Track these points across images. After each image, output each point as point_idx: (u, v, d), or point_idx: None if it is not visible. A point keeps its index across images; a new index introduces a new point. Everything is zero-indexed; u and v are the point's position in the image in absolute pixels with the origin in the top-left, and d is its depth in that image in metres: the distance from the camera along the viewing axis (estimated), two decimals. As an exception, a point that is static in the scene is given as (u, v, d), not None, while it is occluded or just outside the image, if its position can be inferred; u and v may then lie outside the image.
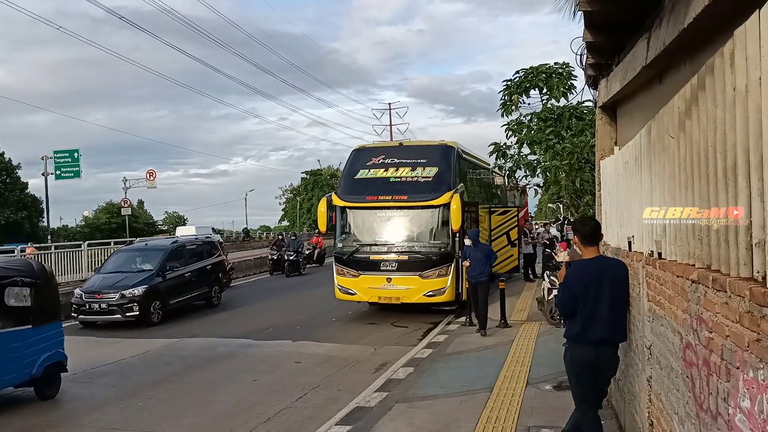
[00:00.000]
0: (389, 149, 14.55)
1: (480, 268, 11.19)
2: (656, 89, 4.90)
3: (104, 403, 8.05)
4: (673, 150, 3.31)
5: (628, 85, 5.13)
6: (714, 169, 2.53)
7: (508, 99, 15.04)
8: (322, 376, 8.96)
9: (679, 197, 3.16)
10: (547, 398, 7.14)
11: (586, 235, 4.73)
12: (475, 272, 11.24)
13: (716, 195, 2.50)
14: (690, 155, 2.93)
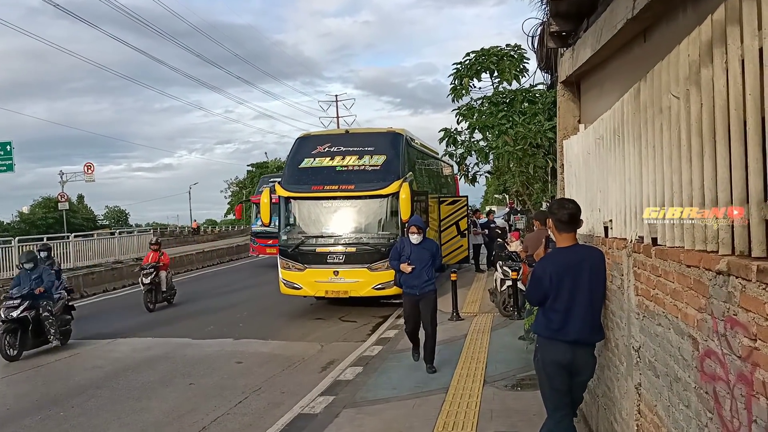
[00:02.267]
0: (335, 137, 13.86)
1: (427, 273, 7.87)
2: (638, 50, 4.33)
3: (22, 414, 7.26)
4: (677, 111, 2.71)
5: (604, 48, 4.55)
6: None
7: (458, 83, 14.50)
8: (264, 378, 8.30)
9: (689, 169, 2.57)
10: (506, 399, 6.61)
11: (563, 220, 4.13)
12: (418, 280, 7.82)
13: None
14: (709, 113, 2.33)
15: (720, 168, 2.24)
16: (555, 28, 5.86)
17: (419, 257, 7.85)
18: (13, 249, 19.08)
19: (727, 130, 2.19)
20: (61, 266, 13.41)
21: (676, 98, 2.70)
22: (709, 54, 2.31)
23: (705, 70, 2.36)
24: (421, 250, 7.89)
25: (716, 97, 2.26)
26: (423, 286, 7.83)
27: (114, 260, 22.47)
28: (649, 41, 4.07)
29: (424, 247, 7.93)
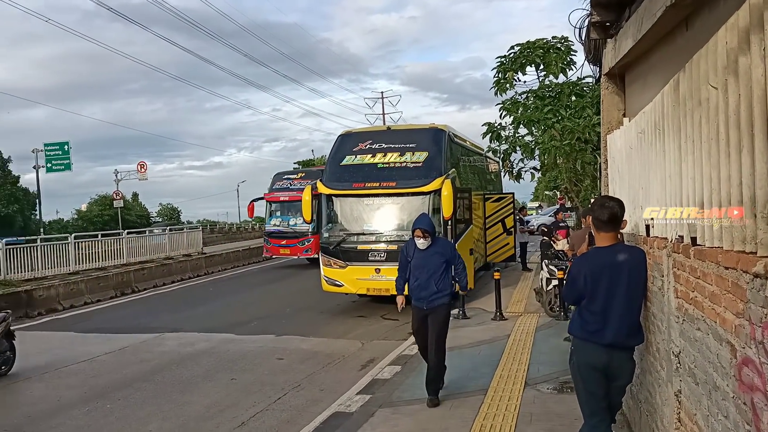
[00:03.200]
0: (377, 134, 13.76)
1: (437, 283, 6.65)
2: (680, 39, 4.12)
3: (70, 406, 7.47)
4: (715, 103, 2.54)
5: (645, 38, 4.35)
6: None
7: (502, 76, 14.20)
8: (304, 375, 8.33)
9: (727, 164, 2.40)
10: (547, 402, 6.43)
11: (602, 219, 3.96)
12: (426, 291, 6.68)
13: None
14: (747, 104, 2.16)
15: (758, 163, 2.08)
16: (596, 18, 5.65)
17: (426, 264, 6.70)
18: (69, 245, 19.80)
19: (765, 122, 2.03)
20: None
21: (714, 89, 2.53)
22: (746, 41, 2.15)
23: (743, 59, 2.20)
24: (431, 256, 6.72)
25: (754, 86, 2.10)
26: (431, 298, 6.64)
27: (165, 256, 23.05)
28: (692, 29, 3.86)
29: (435, 252, 6.74)
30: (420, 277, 6.70)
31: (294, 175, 23.59)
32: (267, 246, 22.98)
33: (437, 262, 6.69)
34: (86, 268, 19.76)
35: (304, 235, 21.53)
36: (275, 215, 23.20)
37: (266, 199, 23.36)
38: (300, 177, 23.05)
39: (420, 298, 6.72)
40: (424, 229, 6.71)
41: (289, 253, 22.28)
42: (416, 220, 6.94)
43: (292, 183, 22.87)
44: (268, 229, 23.26)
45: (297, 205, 20.85)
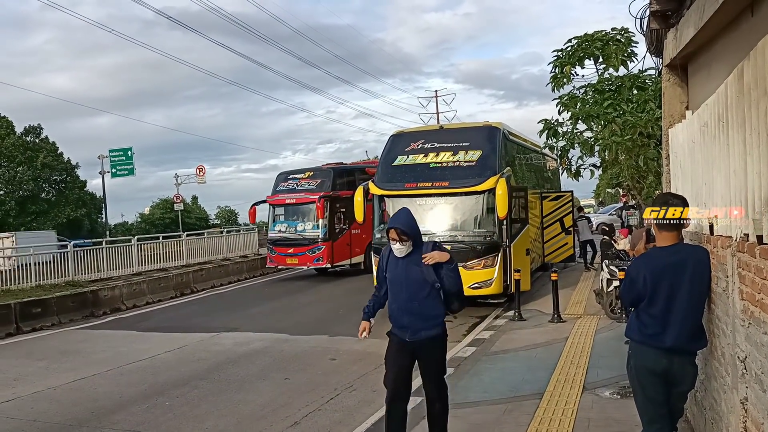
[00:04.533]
0: (429, 133, 13.66)
1: (422, 305, 4.83)
2: (745, 26, 3.87)
3: (131, 402, 7.67)
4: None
5: (707, 26, 4.11)
6: None
7: (559, 71, 13.82)
8: (356, 375, 8.30)
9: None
10: (606, 408, 6.21)
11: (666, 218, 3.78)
12: (409, 317, 4.88)
13: None
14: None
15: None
16: (656, 8, 5.40)
17: (407, 279, 4.78)
18: (133, 248, 20.51)
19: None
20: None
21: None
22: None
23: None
24: (411, 267, 4.79)
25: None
26: (418, 327, 4.80)
27: (222, 257, 23.55)
28: (758, 15, 3.61)
29: (418, 263, 4.77)
30: (398, 296, 4.86)
31: (301, 175, 20.76)
32: (271, 255, 20.51)
33: (419, 277, 4.75)
34: (148, 269, 20.46)
35: (313, 242, 19.24)
36: (280, 220, 20.61)
37: (269, 202, 20.80)
38: (308, 176, 20.37)
39: (402, 326, 4.90)
40: (401, 230, 4.74)
41: (297, 263, 19.93)
42: (393, 216, 5.03)
43: (298, 183, 20.25)
44: (271, 236, 20.63)
45: (305, 209, 19.81)
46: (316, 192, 19.16)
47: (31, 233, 31.87)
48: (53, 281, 16.67)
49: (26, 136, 40.09)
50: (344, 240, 19.57)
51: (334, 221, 19.37)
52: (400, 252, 4.85)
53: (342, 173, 20.65)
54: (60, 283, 16.64)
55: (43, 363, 10.07)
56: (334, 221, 19.33)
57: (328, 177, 19.72)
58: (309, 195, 19.32)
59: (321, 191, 19.16)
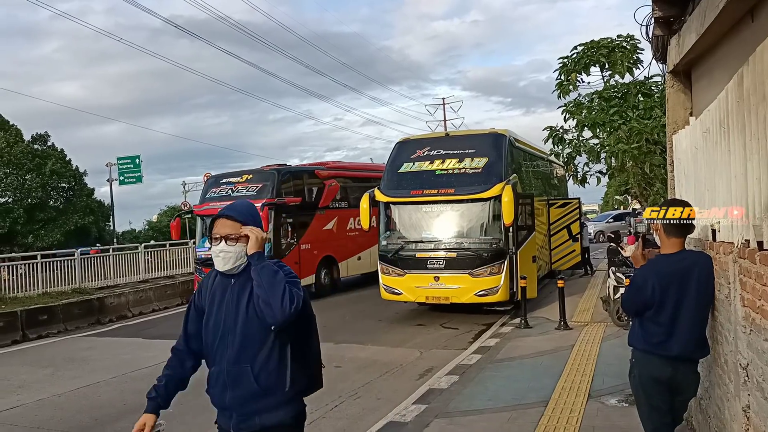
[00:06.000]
0: (435, 140, 13.66)
1: (257, 366, 2.88)
2: (746, 31, 3.85)
3: (134, 409, 7.54)
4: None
5: (709, 31, 4.09)
6: None
7: (565, 78, 13.82)
8: (361, 383, 8.28)
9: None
10: (611, 415, 6.14)
11: (674, 223, 3.75)
12: (234, 391, 2.97)
13: None
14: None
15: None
16: (659, 14, 5.38)
17: (237, 320, 2.92)
18: (140, 255, 20.59)
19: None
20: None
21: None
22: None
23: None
24: (246, 301, 2.91)
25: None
26: (249, 410, 2.96)
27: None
28: (757, 20, 3.60)
29: (250, 289, 2.88)
30: (220, 354, 2.99)
31: (237, 178, 16.64)
32: (200, 278, 16.11)
33: (256, 316, 2.83)
34: (155, 276, 20.47)
35: None
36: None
37: (197, 213, 16.66)
38: (246, 180, 16.29)
39: (224, 407, 3.07)
40: (231, 217, 2.93)
41: None
42: (223, 209, 3.04)
43: (234, 189, 16.25)
44: (200, 256, 16.18)
45: None
46: (256, 199, 14.86)
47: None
48: (60, 288, 16.73)
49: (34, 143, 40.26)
50: (292, 258, 15.64)
51: (280, 235, 15.68)
52: (226, 261, 2.86)
53: (289, 176, 16.69)
54: (67, 290, 16.70)
55: (49, 370, 10.10)
56: (279, 235, 15.65)
57: (272, 181, 15.83)
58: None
59: (263, 198, 15.19)
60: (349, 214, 18.20)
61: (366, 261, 18.45)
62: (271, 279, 2.73)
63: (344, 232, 18.28)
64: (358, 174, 20.14)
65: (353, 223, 18.09)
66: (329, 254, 17.42)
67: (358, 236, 17.80)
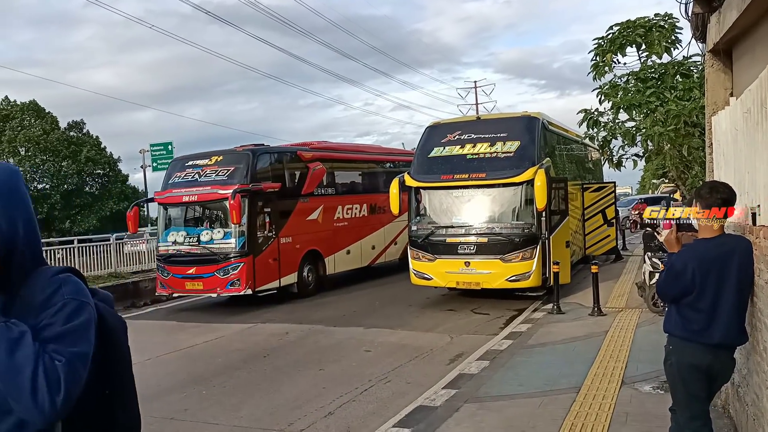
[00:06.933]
0: (466, 124, 13.52)
1: None
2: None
3: (169, 390, 7.85)
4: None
5: (750, 8, 3.92)
6: None
7: (600, 59, 13.49)
8: (391, 367, 8.30)
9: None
10: (645, 402, 6.04)
11: (713, 207, 3.64)
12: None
13: None
14: None
15: None
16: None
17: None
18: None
19: None
20: None
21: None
22: None
23: None
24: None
25: None
26: None
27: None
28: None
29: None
30: None
31: (205, 161, 14.21)
32: (163, 278, 14.01)
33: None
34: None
35: (225, 257, 13.18)
36: (175, 227, 14.29)
37: (158, 201, 14.55)
38: (216, 162, 13.99)
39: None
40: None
41: (202, 288, 13.57)
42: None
43: (202, 173, 13.91)
44: (162, 251, 14.14)
45: (212, 210, 14.11)
46: (228, 184, 13.11)
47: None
48: (96, 273, 17.10)
49: (70, 131, 41.12)
50: (270, 253, 13.65)
51: (256, 226, 13.50)
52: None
53: (266, 158, 14.38)
54: (103, 274, 17.08)
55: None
56: (255, 227, 13.47)
57: (245, 163, 13.64)
58: (218, 189, 13.21)
59: (235, 183, 13.16)
60: (337, 201, 16.37)
61: (356, 255, 16.85)
62: (6, 360, 1.46)
63: (331, 222, 16.03)
64: (348, 156, 17.87)
65: (341, 212, 16.50)
66: (314, 248, 15.15)
67: (348, 227, 16.52)
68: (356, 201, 17.10)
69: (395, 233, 18.00)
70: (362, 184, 18.10)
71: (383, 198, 16.89)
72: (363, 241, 16.95)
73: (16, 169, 1.76)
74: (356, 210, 17.01)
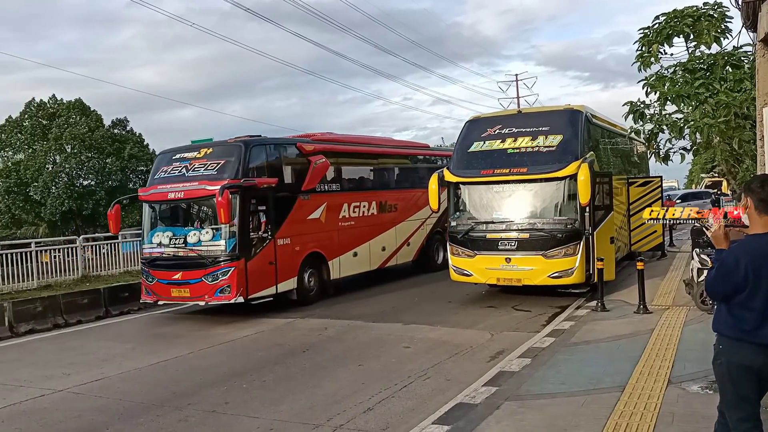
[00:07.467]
0: (507, 118, 13.36)
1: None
2: None
3: (210, 384, 7.97)
4: None
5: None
6: None
7: (645, 50, 13.10)
8: (430, 364, 8.26)
9: None
10: (692, 402, 5.87)
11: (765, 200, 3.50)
12: None
13: None
14: None
15: None
16: (750, -26, 4.98)
17: None
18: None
19: None
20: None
21: None
22: None
23: None
24: None
25: None
26: None
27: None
28: None
29: None
30: None
31: (194, 153, 12.92)
32: (147, 283, 12.73)
33: None
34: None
35: (214, 260, 11.91)
36: (160, 227, 13.05)
37: (142, 198, 13.32)
38: (205, 155, 12.66)
39: None
40: None
41: (189, 295, 12.24)
42: None
43: (190, 167, 12.64)
44: (147, 254, 12.95)
45: (199, 208, 12.79)
46: (217, 179, 11.86)
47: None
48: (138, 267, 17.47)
49: (114, 128, 41.92)
50: (265, 256, 12.40)
51: (249, 227, 12.25)
52: None
53: (260, 150, 13.04)
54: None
55: (130, 345, 10.67)
56: (248, 227, 12.21)
57: (237, 156, 12.34)
58: (206, 184, 11.97)
59: (225, 178, 11.92)
60: (342, 199, 14.88)
61: (364, 257, 15.37)
62: None
63: (336, 222, 14.56)
64: (355, 149, 16.17)
65: (348, 210, 15.00)
66: (316, 250, 13.74)
67: (355, 227, 15.10)
68: (364, 198, 15.72)
69: (408, 233, 16.98)
70: (371, 180, 16.62)
71: (394, 195, 16.81)
72: (372, 242, 15.62)
73: None
74: (364, 208, 15.64)
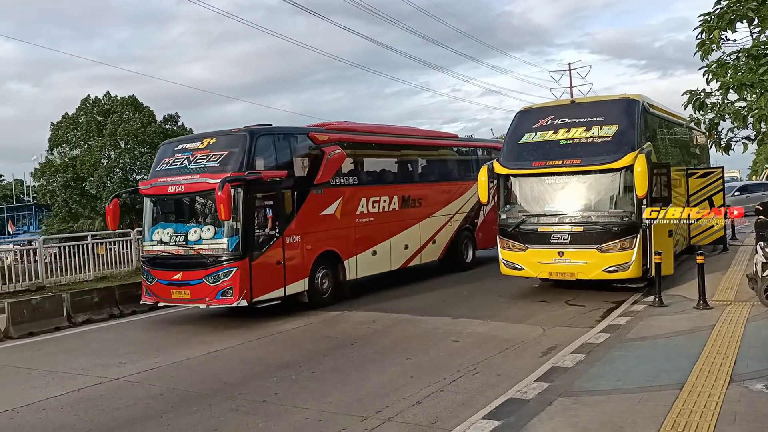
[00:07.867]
0: (559, 108, 13.04)
1: None
2: None
3: (259, 375, 8.10)
4: None
5: None
6: None
7: (706, 36, 12.54)
8: (480, 358, 8.15)
9: None
10: (756, 401, 5.63)
11: None
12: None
13: None
14: None
15: None
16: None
17: None
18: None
19: None
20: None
21: None
22: None
23: None
24: None
25: None
26: None
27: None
28: None
29: None
30: None
31: (196, 143, 12.08)
32: (148, 283, 12.00)
33: None
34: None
35: (216, 260, 11.00)
36: (161, 223, 12.16)
37: (143, 192, 12.51)
38: (208, 146, 11.75)
39: None
40: None
41: (190, 297, 11.43)
42: None
43: (192, 158, 11.77)
44: (148, 252, 12.21)
45: (200, 203, 11.98)
46: (220, 172, 10.97)
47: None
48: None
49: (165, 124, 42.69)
50: (272, 255, 11.48)
51: (254, 223, 11.34)
52: None
53: (268, 140, 11.96)
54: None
55: (182, 335, 10.87)
56: (253, 223, 11.30)
57: (242, 146, 11.37)
58: (207, 177, 11.07)
59: (228, 170, 11.03)
60: (360, 193, 13.72)
61: (384, 256, 14.20)
62: None
63: (353, 218, 13.46)
64: (375, 139, 14.99)
65: (366, 205, 13.81)
66: (330, 249, 12.73)
67: (374, 223, 13.95)
68: (385, 192, 14.50)
69: (434, 230, 15.85)
70: (392, 172, 15.43)
71: (419, 189, 15.81)
72: (393, 239, 14.45)
73: None
74: (384, 203, 14.40)
